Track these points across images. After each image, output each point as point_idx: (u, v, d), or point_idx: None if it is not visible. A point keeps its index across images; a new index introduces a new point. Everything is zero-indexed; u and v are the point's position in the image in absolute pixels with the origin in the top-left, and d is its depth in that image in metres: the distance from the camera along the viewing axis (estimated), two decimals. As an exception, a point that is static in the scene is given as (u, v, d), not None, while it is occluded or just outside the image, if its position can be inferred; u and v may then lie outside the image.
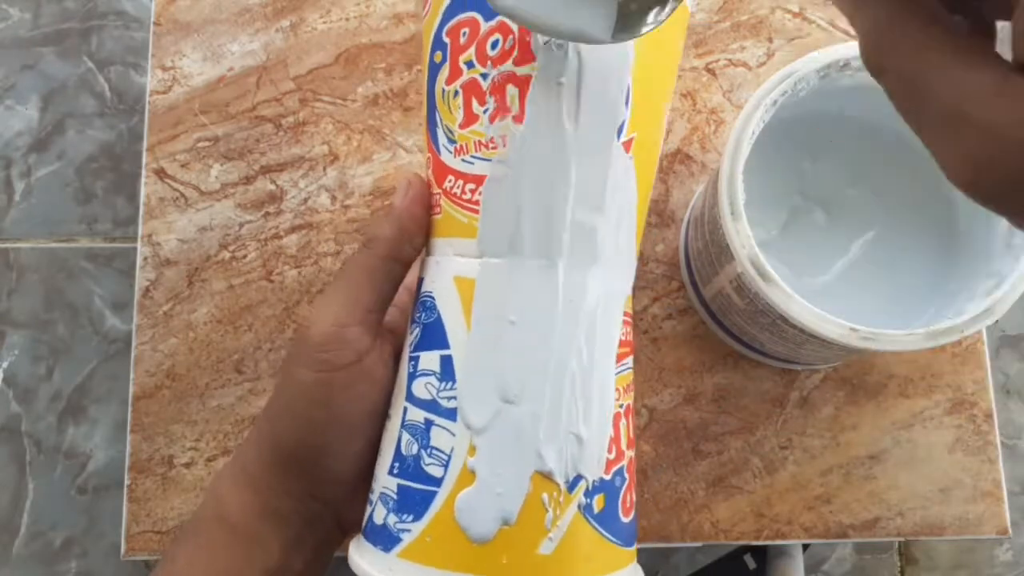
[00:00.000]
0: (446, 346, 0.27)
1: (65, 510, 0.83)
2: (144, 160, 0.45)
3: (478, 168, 0.27)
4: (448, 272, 0.28)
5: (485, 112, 0.27)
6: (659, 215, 0.43)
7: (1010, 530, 0.41)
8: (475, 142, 0.27)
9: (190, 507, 0.42)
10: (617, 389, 0.27)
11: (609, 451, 0.27)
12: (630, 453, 0.29)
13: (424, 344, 0.28)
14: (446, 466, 0.26)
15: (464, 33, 0.27)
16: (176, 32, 0.46)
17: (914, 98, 0.16)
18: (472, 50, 0.27)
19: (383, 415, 0.30)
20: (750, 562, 0.61)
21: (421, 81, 0.31)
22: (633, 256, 0.29)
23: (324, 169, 0.45)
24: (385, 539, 0.26)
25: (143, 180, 0.45)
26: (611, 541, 0.27)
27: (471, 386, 0.26)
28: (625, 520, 0.28)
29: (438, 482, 0.26)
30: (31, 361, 0.85)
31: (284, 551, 0.30)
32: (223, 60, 0.46)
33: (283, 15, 0.46)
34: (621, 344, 0.28)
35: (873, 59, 0.17)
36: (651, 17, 0.23)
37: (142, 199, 0.45)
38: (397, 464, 0.27)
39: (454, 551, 0.25)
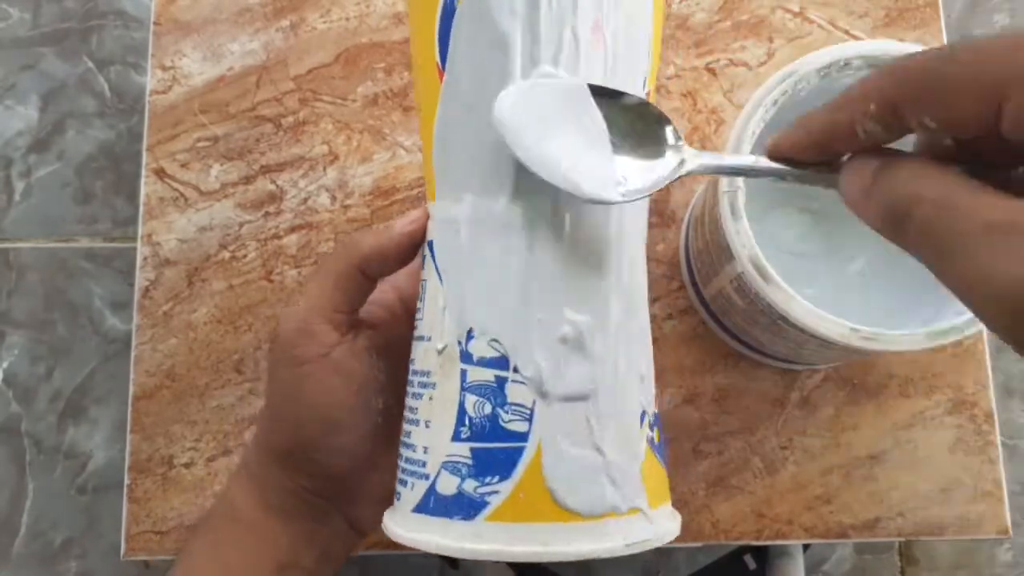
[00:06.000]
0: None
1: (65, 510, 0.83)
2: (144, 160, 0.45)
3: None
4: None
5: None
6: (659, 215, 0.43)
7: (1011, 530, 0.41)
8: None
9: (190, 507, 0.42)
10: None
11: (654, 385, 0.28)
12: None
13: None
14: (530, 419, 0.25)
15: None
16: (176, 32, 0.46)
17: (944, 247, 0.17)
18: None
19: (363, 409, 0.30)
20: (750, 562, 0.61)
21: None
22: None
23: (324, 169, 0.45)
24: (465, 507, 0.25)
25: (143, 180, 0.45)
26: (665, 470, 0.28)
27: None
28: (666, 451, 0.29)
29: (523, 436, 0.25)
30: (31, 361, 0.85)
31: (292, 545, 0.31)
32: (223, 60, 0.46)
33: (283, 15, 0.46)
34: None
35: (900, 211, 0.18)
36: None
37: (142, 199, 0.45)
38: (465, 428, 0.26)
39: (550, 501, 0.25)
